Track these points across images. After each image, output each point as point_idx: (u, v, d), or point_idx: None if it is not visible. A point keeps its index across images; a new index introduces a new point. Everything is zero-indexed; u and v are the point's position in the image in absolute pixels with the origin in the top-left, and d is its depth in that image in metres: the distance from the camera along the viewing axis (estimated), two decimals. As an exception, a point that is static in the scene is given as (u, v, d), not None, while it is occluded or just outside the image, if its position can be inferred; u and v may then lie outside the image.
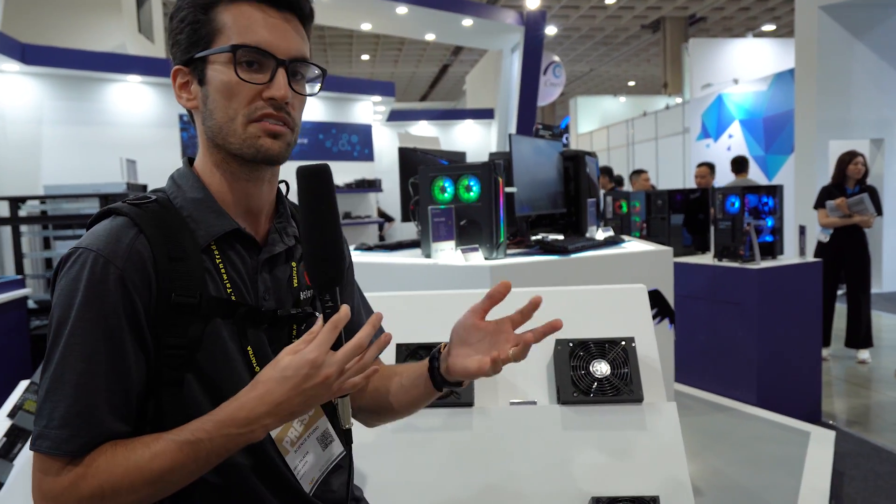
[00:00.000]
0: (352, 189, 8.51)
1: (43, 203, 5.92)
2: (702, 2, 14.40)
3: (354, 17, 8.90)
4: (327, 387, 0.75)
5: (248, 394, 0.75)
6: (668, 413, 1.37)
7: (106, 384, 0.74)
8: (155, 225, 0.80)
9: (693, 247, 4.57)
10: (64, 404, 0.73)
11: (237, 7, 0.83)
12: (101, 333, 0.74)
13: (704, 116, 10.51)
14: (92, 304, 0.75)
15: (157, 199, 0.85)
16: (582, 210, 2.86)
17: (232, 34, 0.82)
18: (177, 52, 0.86)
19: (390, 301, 1.58)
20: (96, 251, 0.76)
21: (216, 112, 0.84)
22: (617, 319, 1.50)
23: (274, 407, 0.74)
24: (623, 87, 23.51)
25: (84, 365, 0.73)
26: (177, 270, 0.79)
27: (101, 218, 0.83)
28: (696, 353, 4.15)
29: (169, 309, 0.78)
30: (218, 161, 0.87)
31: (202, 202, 0.85)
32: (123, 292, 0.76)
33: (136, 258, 0.77)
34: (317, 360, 0.74)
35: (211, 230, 0.84)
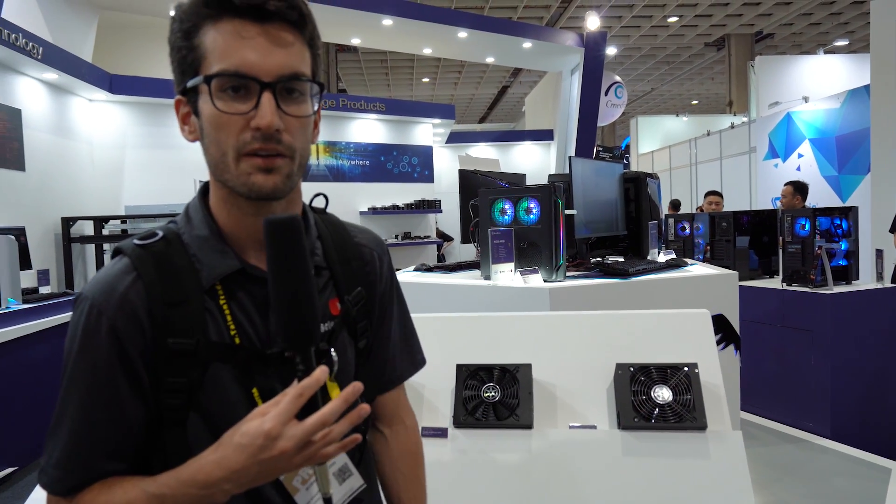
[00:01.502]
0: (412, 210, 8.63)
1: (123, 223, 6.29)
2: (769, 18, 14.03)
3: (416, 42, 9.12)
4: (286, 459, 0.70)
5: (208, 456, 0.72)
6: (734, 442, 1.34)
7: (100, 430, 0.76)
8: (155, 267, 0.78)
9: (760, 270, 4.42)
10: (60, 446, 0.75)
11: (216, 29, 0.75)
12: (94, 383, 0.75)
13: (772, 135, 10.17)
14: (86, 353, 0.76)
15: (165, 235, 0.82)
16: (643, 232, 2.83)
17: (213, 60, 0.75)
18: (175, 82, 0.81)
19: (449, 322, 1.61)
20: (91, 300, 0.77)
21: (210, 147, 0.78)
22: (679, 344, 1.48)
23: (231, 473, 0.70)
24: (686, 106, 23.03)
25: (79, 412, 0.75)
26: (174, 316, 0.77)
27: (113, 255, 0.83)
28: (764, 380, 4.00)
29: (166, 354, 0.77)
30: (224, 196, 0.82)
31: (206, 241, 0.82)
32: (115, 342, 0.76)
33: (128, 308, 0.76)
34: (271, 431, 0.68)
35: (214, 271, 0.80)
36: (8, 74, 5.06)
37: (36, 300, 3.94)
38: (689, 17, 13.68)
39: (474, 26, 8.44)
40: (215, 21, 0.75)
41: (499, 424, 1.38)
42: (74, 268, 5.89)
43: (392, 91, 19.44)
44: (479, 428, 1.38)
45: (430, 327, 1.57)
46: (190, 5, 0.77)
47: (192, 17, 0.76)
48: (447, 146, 11.08)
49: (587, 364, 1.48)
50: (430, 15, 8.17)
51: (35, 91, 5.45)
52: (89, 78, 5.98)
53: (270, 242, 0.73)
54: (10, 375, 3.50)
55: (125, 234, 6.25)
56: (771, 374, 3.98)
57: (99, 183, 6.59)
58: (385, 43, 9.27)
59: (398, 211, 8.56)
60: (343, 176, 8.38)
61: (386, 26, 7.94)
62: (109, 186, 6.76)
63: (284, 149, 0.77)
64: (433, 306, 2.36)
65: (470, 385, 1.44)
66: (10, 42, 4.65)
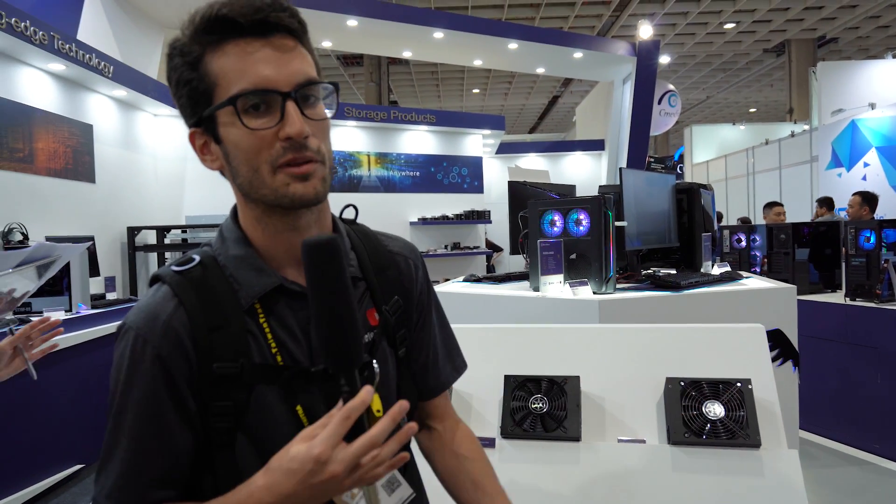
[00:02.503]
0: (461, 220, 8.68)
1: (184, 232, 6.55)
2: (833, 22, 13.54)
3: (467, 54, 9.20)
4: (337, 482, 0.70)
5: (258, 481, 0.72)
6: (789, 461, 1.30)
7: (150, 459, 0.76)
8: (196, 293, 0.79)
9: (821, 284, 4.26)
10: (112, 476, 0.76)
11: (222, 52, 0.76)
12: (143, 412, 0.76)
13: (835, 144, 9.79)
14: (133, 383, 0.76)
15: (202, 260, 0.82)
16: (696, 244, 2.78)
17: (228, 84, 0.76)
18: (185, 117, 0.82)
19: (498, 332, 1.62)
20: (136, 329, 0.77)
21: (241, 168, 0.79)
22: (732, 360, 1.46)
23: (281, 498, 0.70)
24: (743, 114, 22.42)
25: (130, 442, 0.76)
26: (216, 340, 0.77)
27: (152, 283, 0.84)
28: (826, 399, 3.84)
29: (212, 379, 0.77)
30: (258, 215, 0.82)
31: (243, 260, 0.82)
32: (162, 371, 0.76)
33: (173, 335, 0.77)
34: (321, 456, 0.68)
35: (252, 290, 0.81)
36: (81, 92, 5.36)
37: (103, 305, 4.15)
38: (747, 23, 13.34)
39: (525, 37, 8.46)
40: (218, 46, 0.76)
41: (546, 436, 1.39)
42: (138, 275, 6.17)
43: (442, 102, 19.62)
44: (526, 439, 1.39)
45: (478, 337, 1.59)
46: (191, 36, 0.78)
47: (195, 48, 0.77)
48: (497, 157, 11.10)
49: (636, 377, 1.47)
50: (480, 27, 8.24)
51: (105, 107, 5.75)
52: (154, 94, 6.27)
53: (310, 265, 0.72)
54: (78, 376, 3.69)
55: (185, 243, 6.50)
56: (833, 392, 3.82)
57: (161, 194, 6.89)
58: (436, 55, 9.39)
59: (448, 221, 8.62)
60: (394, 187, 8.50)
61: (437, 39, 8.05)
62: (171, 197, 7.06)
63: (315, 154, 0.78)
64: (482, 317, 2.37)
65: (518, 396, 1.45)
66: (84, 62, 4.93)
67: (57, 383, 3.50)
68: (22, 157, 4.54)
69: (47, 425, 3.42)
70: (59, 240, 4.19)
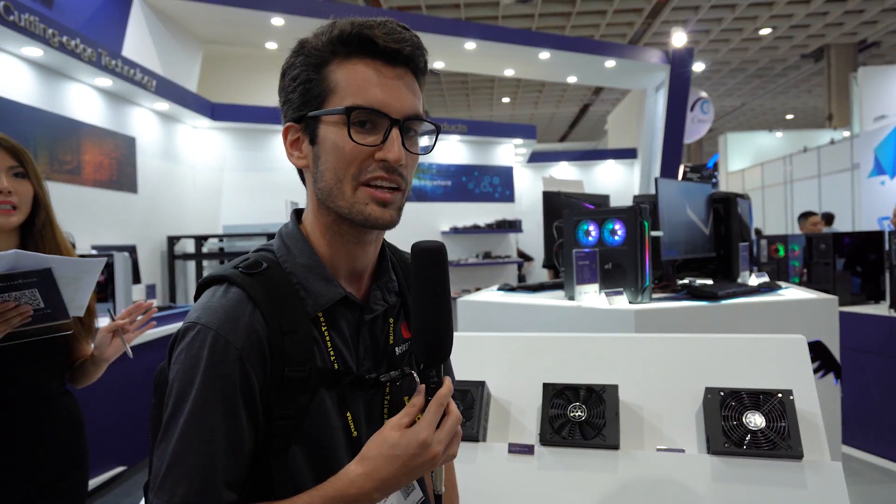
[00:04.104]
0: (493, 229, 8.69)
1: (221, 241, 6.70)
2: (874, 26, 13.22)
3: (498, 63, 9.23)
4: (434, 462, 0.77)
5: (356, 469, 0.76)
6: (833, 473, 1.29)
7: (223, 461, 0.75)
8: (268, 297, 0.80)
9: (863, 295, 4.16)
10: (186, 482, 0.73)
11: (350, 65, 0.80)
12: (220, 412, 0.75)
13: (878, 151, 9.54)
14: (213, 384, 0.75)
15: (269, 265, 0.83)
16: (733, 254, 2.76)
17: (345, 94, 0.80)
18: (288, 110, 0.84)
19: (536, 341, 1.64)
20: (216, 330, 0.76)
21: (327, 173, 0.81)
22: (772, 371, 1.45)
23: (381, 483, 0.75)
24: (780, 121, 21.98)
25: (204, 445, 0.74)
26: (289, 344, 0.79)
27: (212, 283, 0.83)
28: (869, 413, 3.74)
29: (281, 383, 0.79)
30: (328, 223, 0.85)
31: (312, 269, 0.84)
32: (242, 372, 0.76)
33: (255, 337, 0.77)
34: (426, 440, 0.75)
35: (320, 300, 0.83)
36: (126, 106, 5.54)
37: (145, 312, 4.27)
38: (784, 28, 13.11)
39: (556, 47, 8.47)
40: (346, 58, 0.81)
41: (585, 444, 1.40)
42: (177, 283, 6.33)
43: (472, 111, 19.68)
44: (565, 447, 1.40)
45: (516, 346, 1.61)
46: (325, 42, 0.81)
47: (325, 53, 0.81)
48: (528, 166, 11.09)
49: (675, 387, 1.46)
50: (511, 37, 8.27)
51: (147, 120, 5.93)
52: (194, 107, 6.45)
53: (422, 267, 0.79)
54: (121, 381, 3.80)
55: (222, 252, 6.65)
56: (877, 406, 3.72)
57: (200, 204, 7.06)
58: (467, 65, 9.45)
59: (479, 231, 8.64)
60: (425, 196, 8.56)
61: (468, 50, 8.11)
62: (209, 207, 7.24)
63: (402, 181, 0.83)
64: (517, 326, 2.38)
65: (556, 404, 1.46)
66: (128, 77, 5.11)
67: (100, 387, 3.59)
68: (70, 169, 4.72)
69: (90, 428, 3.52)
70: (103, 249, 4.34)
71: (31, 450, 1.50)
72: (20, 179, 1.54)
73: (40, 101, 4.43)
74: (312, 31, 0.84)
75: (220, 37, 7.68)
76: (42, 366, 1.54)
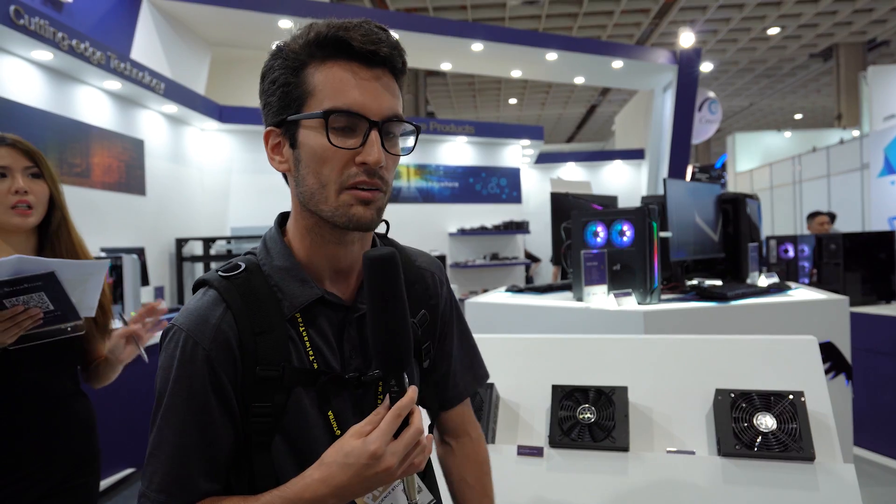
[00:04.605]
0: (500, 231, 8.68)
1: (228, 243, 6.72)
2: (884, 25, 13.14)
3: (505, 65, 9.23)
4: (389, 474, 0.77)
5: (313, 474, 0.78)
6: (846, 476, 1.28)
7: (196, 453, 0.80)
8: (242, 299, 0.82)
9: (874, 296, 4.12)
10: (161, 471, 0.79)
11: (327, 68, 0.80)
12: (191, 409, 0.79)
13: (888, 151, 9.46)
14: (182, 382, 0.80)
15: (247, 267, 0.86)
16: (742, 255, 2.74)
17: (323, 97, 0.80)
18: (268, 114, 0.85)
19: (545, 343, 1.63)
20: (187, 331, 0.80)
21: (308, 177, 0.82)
22: (783, 372, 1.44)
23: (336, 489, 0.76)
24: (788, 121, 21.86)
25: (177, 437, 0.79)
26: (261, 344, 0.81)
27: (199, 286, 0.87)
28: (882, 415, 3.71)
29: (254, 381, 0.81)
30: (309, 225, 0.86)
31: (288, 271, 0.86)
32: (210, 371, 0.80)
33: (222, 338, 0.80)
34: (377, 451, 0.75)
35: (295, 301, 0.85)
36: (134, 109, 5.57)
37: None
38: (792, 27, 13.04)
39: (563, 48, 8.45)
40: (323, 61, 0.80)
41: (594, 446, 1.39)
42: (185, 285, 6.35)
43: (479, 113, 19.68)
44: (574, 448, 1.40)
45: (525, 347, 1.60)
46: (302, 45, 0.81)
47: (302, 56, 0.81)
48: (535, 167, 11.08)
49: (685, 389, 1.46)
50: (519, 38, 8.26)
51: (156, 123, 5.96)
52: (202, 109, 6.48)
53: (371, 276, 0.78)
54: (129, 382, 3.81)
55: (230, 254, 6.67)
56: (889, 407, 3.69)
57: (208, 206, 7.09)
58: (474, 67, 9.44)
59: (486, 232, 8.63)
60: (432, 198, 8.56)
61: (476, 51, 8.11)
62: (217, 209, 7.26)
63: (383, 183, 0.83)
64: (525, 327, 2.38)
65: (565, 406, 1.45)
66: (137, 80, 5.14)
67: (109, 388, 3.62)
68: (79, 172, 4.75)
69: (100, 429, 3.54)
70: (112, 251, 4.36)
71: (42, 451, 1.50)
72: (35, 180, 1.55)
73: (50, 104, 4.46)
74: (290, 34, 0.84)
75: (227, 39, 7.71)
76: (55, 367, 1.55)
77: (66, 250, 1.60)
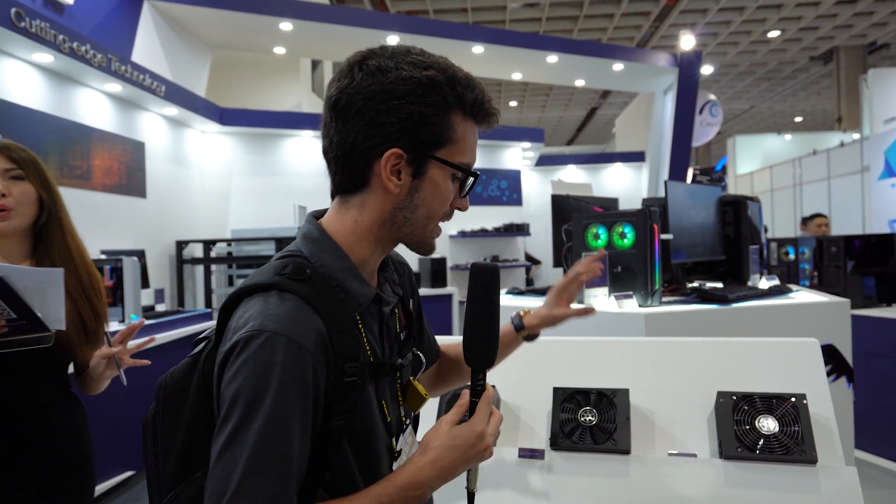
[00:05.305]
0: (500, 233, 8.67)
1: (229, 245, 6.71)
2: (884, 28, 13.15)
3: (506, 67, 9.23)
4: (486, 453, 0.86)
5: (422, 459, 0.83)
6: (848, 478, 1.27)
7: (296, 464, 0.77)
8: (322, 301, 0.83)
9: (876, 298, 4.12)
10: (271, 487, 0.73)
11: (466, 123, 0.88)
12: (296, 416, 0.76)
13: (889, 153, 9.46)
14: (289, 388, 0.76)
15: (311, 273, 0.85)
16: (743, 257, 2.74)
17: (462, 150, 0.89)
18: (397, 134, 0.84)
19: (546, 345, 1.63)
20: (288, 336, 0.77)
21: (420, 208, 0.88)
22: (785, 375, 1.43)
23: (443, 471, 0.83)
24: (788, 124, 21.87)
25: (285, 448, 0.75)
26: (343, 344, 0.82)
27: (256, 292, 0.83)
28: (883, 417, 3.70)
29: (341, 381, 0.82)
30: (380, 237, 0.90)
31: (349, 272, 0.88)
32: (315, 376, 0.79)
33: (321, 341, 0.80)
34: (483, 431, 0.85)
35: (358, 300, 0.88)
36: (135, 111, 5.58)
37: (153, 317, 4.29)
38: (793, 30, 13.05)
39: (564, 50, 8.45)
40: (465, 117, 0.88)
41: (596, 448, 1.38)
42: (185, 287, 6.34)
43: (480, 116, 19.68)
44: (576, 451, 1.39)
45: (526, 349, 1.59)
46: (454, 95, 0.86)
47: (451, 101, 0.86)
48: (536, 169, 11.07)
49: (686, 391, 1.45)
50: (519, 41, 8.27)
51: (156, 125, 5.96)
52: (203, 112, 6.48)
53: (482, 283, 0.90)
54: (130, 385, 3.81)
55: (231, 257, 6.67)
56: (890, 410, 3.68)
57: (208, 208, 7.09)
58: (475, 70, 9.38)
59: (486, 234, 8.62)
60: (433, 200, 8.55)
61: (476, 53, 8.11)
62: (217, 211, 7.26)
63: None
64: (525, 329, 2.37)
65: (567, 408, 1.45)
66: (138, 82, 5.14)
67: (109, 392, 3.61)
68: (80, 174, 4.75)
69: (100, 433, 3.52)
70: (112, 253, 4.36)
71: (21, 459, 1.46)
72: (17, 182, 1.52)
73: (50, 106, 4.46)
74: (431, 67, 0.86)
75: (228, 42, 7.72)
76: (33, 375, 1.51)
77: (60, 254, 1.57)
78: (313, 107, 9.79)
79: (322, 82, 10.81)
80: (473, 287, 0.90)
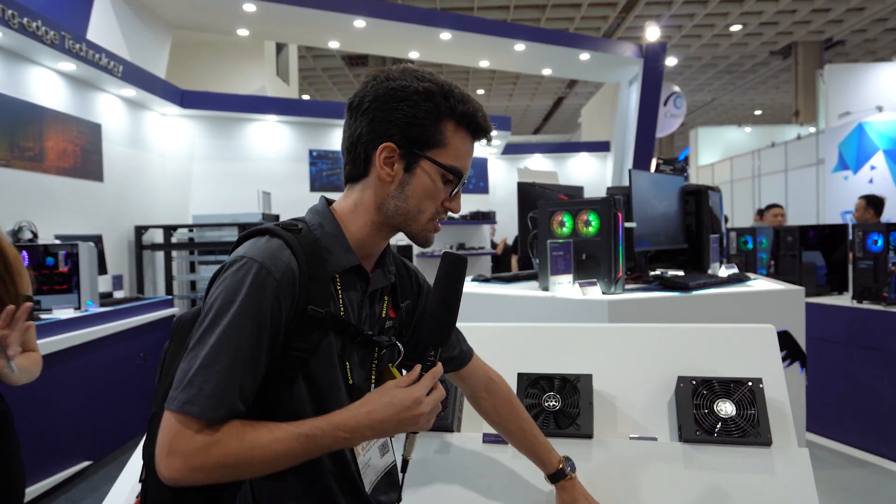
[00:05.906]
0: (467, 221, 8.69)
1: (191, 231, 6.57)
2: (840, 25, 13.52)
3: (474, 55, 9.21)
4: (416, 421, 0.95)
5: (359, 408, 0.93)
6: (800, 459, 1.31)
7: (246, 371, 0.88)
8: (304, 251, 0.96)
9: (828, 287, 4.26)
10: (215, 380, 0.85)
11: (461, 135, 1.02)
12: (252, 329, 0.88)
13: (842, 147, 9.77)
14: (250, 304, 0.89)
15: (302, 229, 1.00)
16: (704, 246, 2.79)
17: (453, 155, 1.01)
18: (392, 130, 0.98)
19: (510, 331, 1.64)
20: (261, 262, 0.91)
21: (411, 200, 1.01)
22: (742, 360, 1.47)
23: (375, 423, 0.92)
24: (748, 117, 22.37)
25: (235, 352, 0.87)
26: (314, 288, 0.95)
27: (254, 235, 0.99)
28: (832, 401, 3.84)
29: (302, 318, 0.94)
30: (376, 223, 1.03)
31: (337, 238, 1.01)
32: (275, 300, 0.91)
33: (289, 275, 0.93)
34: (419, 398, 0.95)
35: (339, 263, 1.00)
36: (90, 91, 5.39)
37: (111, 304, 4.18)
38: (754, 25, 13.32)
39: (532, 39, 8.46)
40: (458, 127, 1.01)
41: (559, 433, 1.40)
42: (145, 274, 6.19)
43: (447, 103, 19.61)
44: (539, 436, 1.40)
45: (491, 336, 1.60)
46: (447, 106, 0.99)
47: (444, 111, 0.99)
48: (502, 157, 11.10)
49: (648, 376, 1.48)
50: (487, 28, 8.24)
51: (114, 106, 5.78)
52: (163, 93, 6.30)
53: (448, 270, 1.00)
54: (86, 374, 3.71)
55: (192, 242, 6.53)
56: (839, 394, 3.82)
57: (169, 193, 6.91)
58: (443, 56, 9.40)
59: (453, 222, 8.63)
60: (399, 187, 8.51)
61: (444, 40, 8.06)
62: (178, 196, 7.09)
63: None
64: (492, 316, 2.38)
65: (531, 393, 1.46)
66: (93, 61, 4.96)
67: (65, 380, 3.52)
68: (32, 156, 4.58)
69: (56, 422, 3.44)
70: (67, 238, 4.22)
71: None
72: None
73: (0, 85, 4.28)
74: (430, 81, 0.99)
75: (190, 22, 7.50)
76: None
77: None
78: (277, 91, 9.61)
79: (287, 66, 10.60)
80: (443, 274, 1.00)
